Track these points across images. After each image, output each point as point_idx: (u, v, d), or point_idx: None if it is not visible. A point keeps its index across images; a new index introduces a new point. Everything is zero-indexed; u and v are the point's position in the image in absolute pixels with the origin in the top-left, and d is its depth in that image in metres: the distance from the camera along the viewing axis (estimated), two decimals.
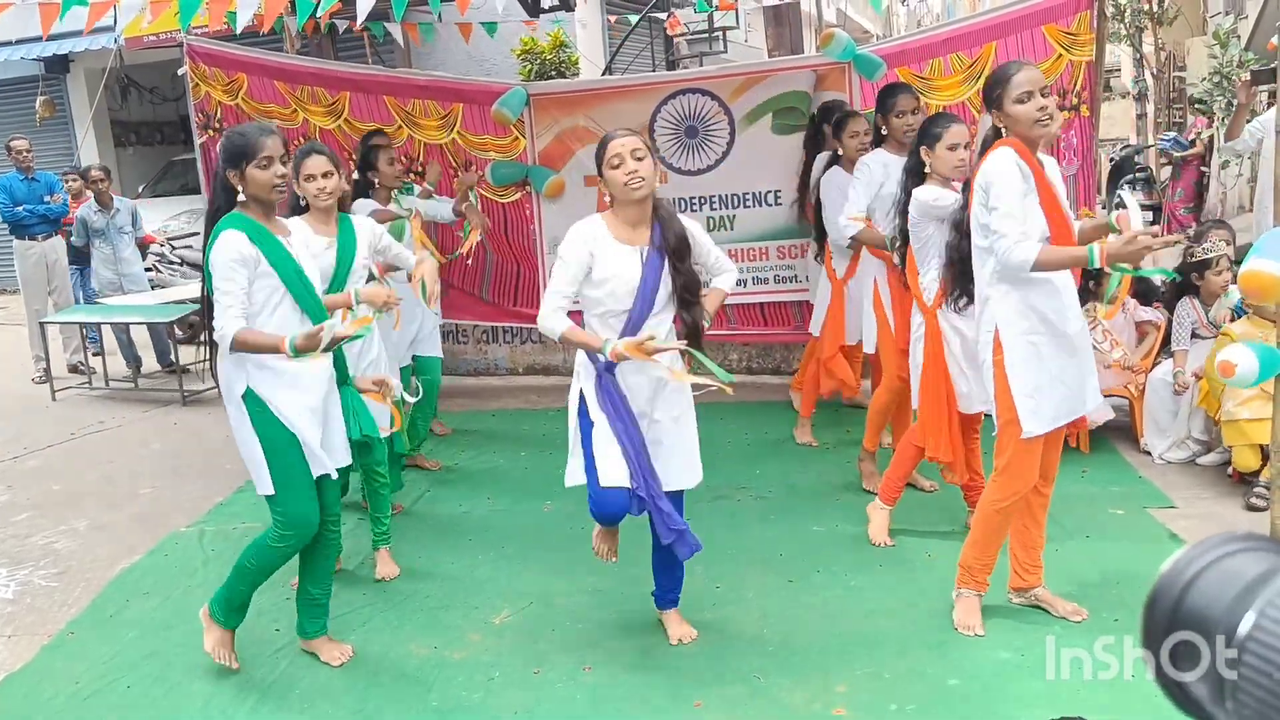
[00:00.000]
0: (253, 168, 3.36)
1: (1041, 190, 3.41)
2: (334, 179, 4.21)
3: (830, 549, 4.48)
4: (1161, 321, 5.58)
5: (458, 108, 7.07)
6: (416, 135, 7.18)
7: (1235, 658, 0.70)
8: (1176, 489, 4.95)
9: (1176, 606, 0.76)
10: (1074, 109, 6.43)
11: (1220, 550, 0.76)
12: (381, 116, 7.16)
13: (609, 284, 3.33)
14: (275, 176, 3.37)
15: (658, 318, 3.38)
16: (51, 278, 8.92)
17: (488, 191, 7.29)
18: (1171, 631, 0.76)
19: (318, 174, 4.17)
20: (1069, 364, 3.47)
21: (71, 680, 3.70)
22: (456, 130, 7.11)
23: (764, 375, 7.62)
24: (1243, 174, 11.55)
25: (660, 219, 3.39)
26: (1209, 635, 0.73)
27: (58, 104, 13.90)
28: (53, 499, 5.79)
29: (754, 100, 6.81)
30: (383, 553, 4.50)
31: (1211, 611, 0.73)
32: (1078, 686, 3.23)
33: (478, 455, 6.14)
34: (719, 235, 7.14)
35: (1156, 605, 0.78)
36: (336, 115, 7.18)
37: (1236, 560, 0.75)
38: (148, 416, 7.50)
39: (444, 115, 7.11)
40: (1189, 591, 0.75)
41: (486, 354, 8.06)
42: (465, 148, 7.16)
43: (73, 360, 8.95)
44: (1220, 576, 0.75)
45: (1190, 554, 0.78)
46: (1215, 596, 0.74)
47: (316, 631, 3.72)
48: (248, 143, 3.36)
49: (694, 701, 3.28)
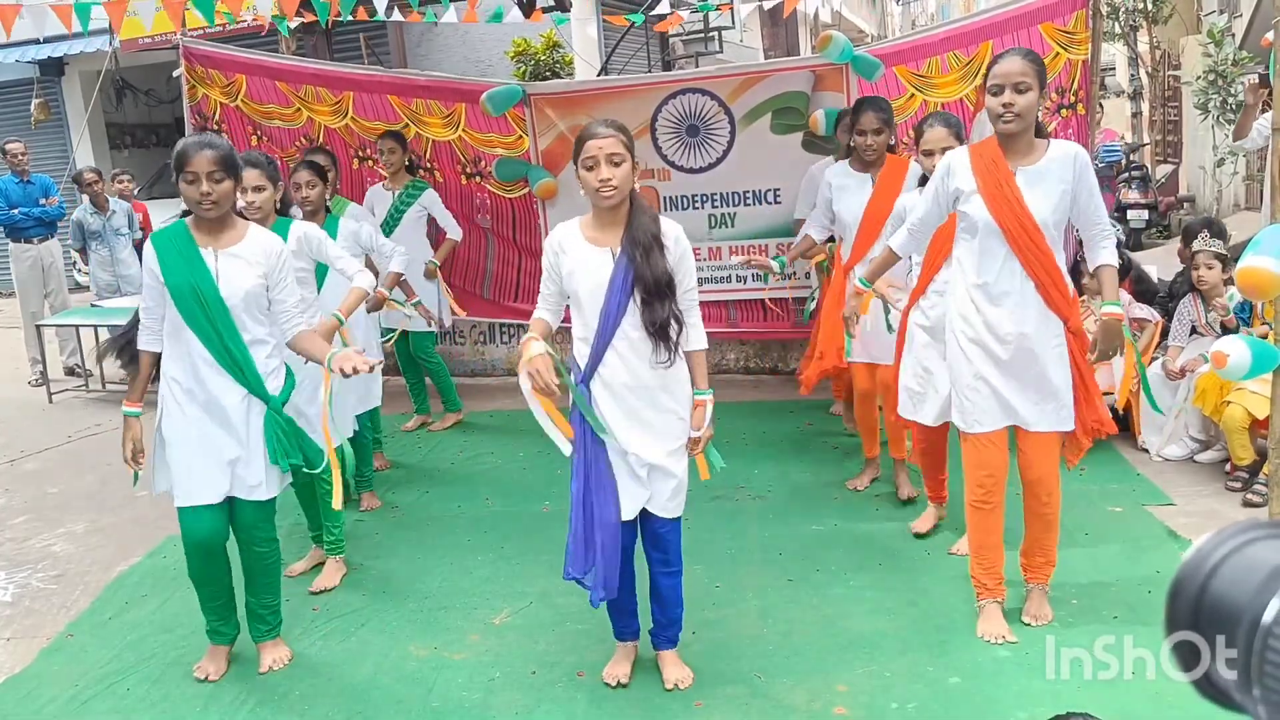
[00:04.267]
0: (181, 182, 3.38)
1: (987, 191, 3.40)
2: (266, 193, 4.22)
3: (830, 548, 4.48)
4: (1157, 319, 5.59)
5: (461, 107, 7.11)
6: (424, 133, 7.22)
7: (1262, 644, 0.70)
8: (1175, 486, 4.95)
9: (1200, 595, 0.76)
10: (1071, 107, 6.44)
11: (1241, 538, 0.76)
12: (387, 115, 7.19)
13: (578, 286, 3.21)
14: (198, 193, 3.34)
15: (631, 322, 3.19)
16: (47, 280, 8.91)
17: (496, 187, 7.35)
18: (1196, 622, 0.76)
19: (249, 186, 4.18)
20: (993, 373, 3.46)
21: (70, 683, 3.69)
22: (462, 128, 7.15)
23: (762, 375, 7.62)
24: (1238, 172, 11.57)
25: (633, 215, 3.20)
26: (1234, 624, 0.73)
27: (53, 107, 13.89)
28: (50, 502, 5.78)
29: (753, 100, 6.82)
30: (331, 562, 4.46)
31: (1235, 600, 0.73)
32: (1078, 686, 3.23)
33: (475, 456, 6.13)
34: (720, 232, 7.17)
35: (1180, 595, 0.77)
36: (342, 114, 7.21)
37: (1258, 548, 0.75)
38: (144, 419, 7.47)
39: (448, 114, 7.15)
40: (1212, 580, 0.75)
41: (484, 355, 8.06)
42: (472, 144, 7.20)
43: (69, 363, 8.93)
44: (1243, 564, 0.75)
45: (1212, 543, 0.78)
46: (1239, 585, 0.74)
47: (258, 637, 3.75)
48: (179, 154, 3.38)
49: (694, 701, 3.28)
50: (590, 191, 3.14)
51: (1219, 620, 0.74)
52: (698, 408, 3.32)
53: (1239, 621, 0.72)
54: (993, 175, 3.42)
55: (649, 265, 3.14)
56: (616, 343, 3.19)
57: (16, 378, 8.98)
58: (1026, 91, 3.32)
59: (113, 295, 8.80)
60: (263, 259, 3.49)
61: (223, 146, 3.43)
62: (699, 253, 7.28)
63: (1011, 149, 3.44)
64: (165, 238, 3.47)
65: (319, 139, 7.47)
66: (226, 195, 3.41)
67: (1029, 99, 3.32)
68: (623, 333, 3.19)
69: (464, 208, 7.54)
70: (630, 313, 3.17)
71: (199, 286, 3.39)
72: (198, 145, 3.37)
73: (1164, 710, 2.97)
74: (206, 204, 3.36)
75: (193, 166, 3.33)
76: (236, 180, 3.47)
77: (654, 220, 3.22)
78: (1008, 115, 3.34)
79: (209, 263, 3.43)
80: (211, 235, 3.47)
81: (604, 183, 3.09)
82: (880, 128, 4.73)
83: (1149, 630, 3.40)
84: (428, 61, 12.40)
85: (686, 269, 3.25)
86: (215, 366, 3.43)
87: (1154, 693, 3.10)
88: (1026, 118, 3.36)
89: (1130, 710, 3.07)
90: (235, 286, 3.43)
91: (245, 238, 3.51)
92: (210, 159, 3.34)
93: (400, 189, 6.58)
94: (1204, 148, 11.92)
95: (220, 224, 3.47)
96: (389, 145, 6.57)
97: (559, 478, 3.39)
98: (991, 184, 3.41)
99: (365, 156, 7.53)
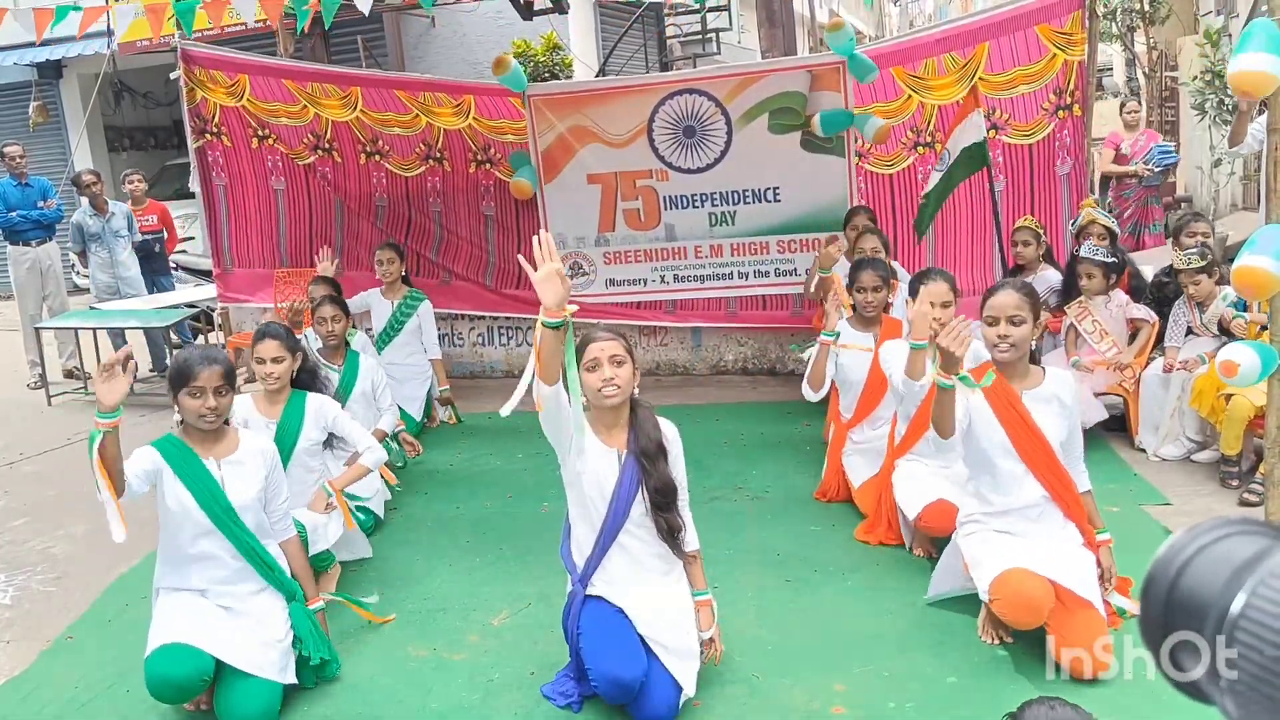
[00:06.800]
0: (184, 394, 3.40)
1: (1001, 412, 3.48)
2: (284, 364, 4.31)
3: (827, 549, 4.49)
4: (1154, 320, 5.61)
5: (469, 98, 7.19)
6: (434, 122, 7.30)
7: (1229, 636, 0.72)
8: (1172, 486, 4.96)
9: (1171, 590, 0.77)
10: (1067, 109, 6.46)
11: (1213, 534, 0.78)
12: (395, 106, 7.25)
13: (584, 477, 3.24)
14: (204, 407, 3.38)
15: (635, 522, 3.25)
16: (45, 283, 8.91)
17: (504, 174, 7.47)
18: (1168, 622, 0.77)
19: (267, 358, 4.28)
20: (1010, 539, 3.50)
21: (71, 685, 3.69)
22: (472, 116, 7.22)
23: (760, 375, 7.63)
24: (1235, 172, 11.58)
25: (637, 423, 3.29)
26: (1202, 617, 0.74)
27: (51, 109, 13.89)
28: (49, 504, 5.79)
29: (750, 100, 6.84)
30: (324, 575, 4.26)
31: (1204, 594, 0.74)
32: (1078, 686, 3.23)
33: (474, 457, 6.14)
34: (721, 230, 7.21)
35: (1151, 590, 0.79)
36: (351, 107, 7.28)
37: (1229, 544, 0.76)
38: (144, 421, 7.49)
39: (457, 104, 7.24)
40: (1182, 575, 0.77)
41: (482, 357, 8.07)
42: (482, 131, 7.27)
43: (68, 365, 8.93)
44: (1213, 559, 0.76)
45: (1184, 539, 0.79)
46: (1208, 579, 0.75)
47: None
48: (183, 368, 3.41)
49: (693, 701, 3.28)
50: (592, 392, 3.19)
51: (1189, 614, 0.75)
52: (701, 609, 3.38)
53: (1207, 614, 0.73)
54: (1002, 396, 3.52)
55: (656, 472, 3.24)
56: (621, 540, 3.27)
57: (15, 380, 8.97)
58: (1021, 325, 3.48)
59: (112, 297, 8.81)
60: (261, 464, 3.56)
61: (225, 361, 3.46)
62: (701, 251, 7.31)
63: (1010, 375, 3.55)
64: (166, 448, 3.47)
65: (326, 134, 7.51)
66: (228, 408, 3.48)
67: (1023, 331, 3.48)
68: (627, 533, 3.27)
69: (469, 197, 7.62)
70: (634, 517, 3.25)
71: (212, 496, 3.42)
72: (203, 360, 3.41)
73: (1164, 711, 2.97)
74: (211, 417, 3.41)
75: (199, 381, 3.37)
76: (235, 391, 3.52)
77: (656, 426, 3.31)
78: (1003, 345, 3.49)
79: (214, 473, 3.46)
80: (208, 446, 3.50)
81: (607, 382, 3.17)
82: (879, 285, 4.87)
83: None
84: (425, 63, 12.40)
85: (681, 470, 3.36)
86: (241, 571, 3.46)
87: (1154, 694, 3.10)
88: (1021, 348, 3.52)
89: (1131, 710, 3.07)
90: (244, 494, 3.48)
91: (240, 444, 3.56)
92: (216, 374, 3.39)
93: (399, 300, 6.75)
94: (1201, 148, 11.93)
95: (215, 434, 3.51)
96: (387, 256, 6.75)
97: (557, 479, 3.39)
98: (1003, 404, 3.51)
99: (374, 151, 7.57)
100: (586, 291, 7.48)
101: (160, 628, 3.36)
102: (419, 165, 7.60)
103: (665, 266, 7.42)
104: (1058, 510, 3.52)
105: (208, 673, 3.29)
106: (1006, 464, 3.51)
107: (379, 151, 7.59)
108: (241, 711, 3.29)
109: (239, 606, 3.46)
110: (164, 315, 8.27)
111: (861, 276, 4.92)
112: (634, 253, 7.42)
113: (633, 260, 7.44)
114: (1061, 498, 3.51)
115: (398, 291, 6.75)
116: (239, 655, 3.33)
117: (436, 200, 7.74)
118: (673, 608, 3.30)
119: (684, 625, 3.29)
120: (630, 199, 7.27)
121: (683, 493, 3.35)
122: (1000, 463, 3.51)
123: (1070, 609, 3.33)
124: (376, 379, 5.48)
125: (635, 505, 3.24)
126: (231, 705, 3.30)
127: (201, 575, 3.45)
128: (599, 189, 7.28)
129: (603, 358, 3.17)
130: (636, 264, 7.45)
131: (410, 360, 6.67)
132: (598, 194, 7.30)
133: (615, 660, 3.12)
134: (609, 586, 3.28)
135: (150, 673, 3.25)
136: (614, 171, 7.20)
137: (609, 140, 7.09)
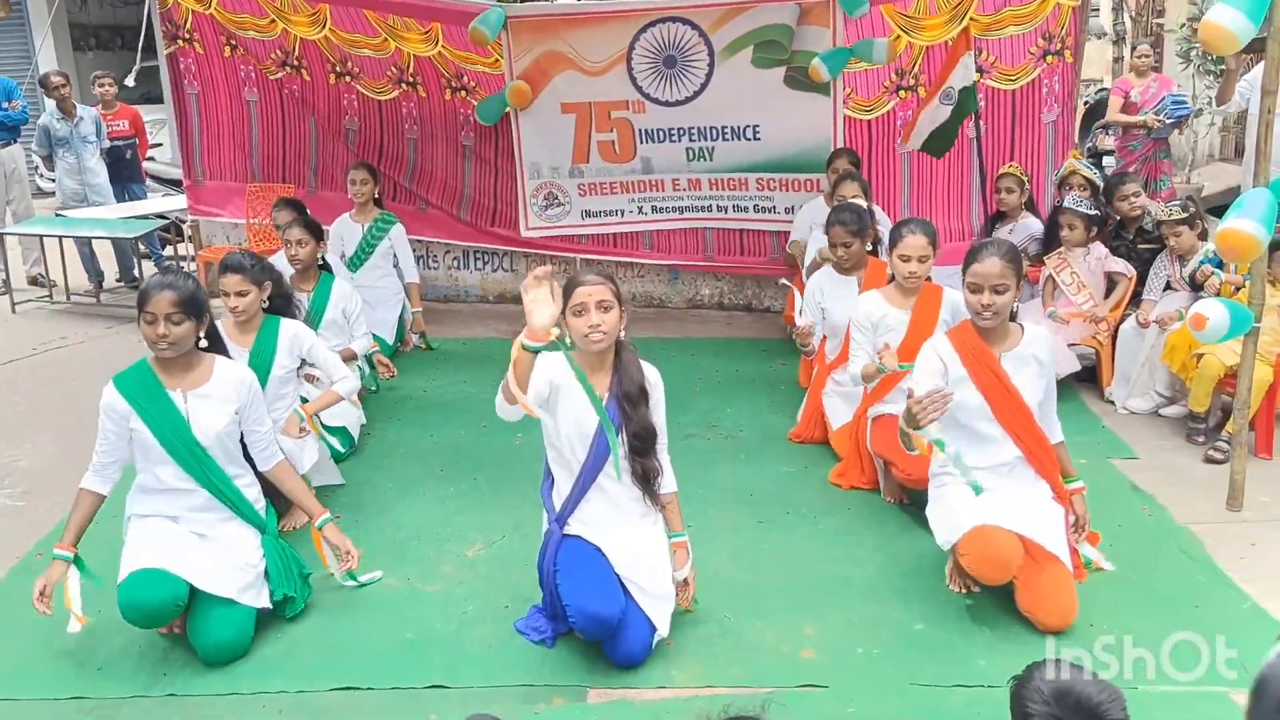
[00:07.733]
0: (141, 319, 3.31)
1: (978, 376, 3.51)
2: (249, 296, 4.24)
3: (801, 490, 4.53)
4: (1132, 274, 5.64)
5: (436, 25, 6.98)
6: (403, 47, 7.11)
7: None
8: (1140, 440, 5.04)
9: None
10: (1058, 54, 6.41)
11: None
12: (363, 28, 7.07)
13: (561, 424, 3.23)
14: (155, 334, 3.28)
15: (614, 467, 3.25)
16: (9, 187, 8.71)
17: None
18: None
19: (231, 291, 4.21)
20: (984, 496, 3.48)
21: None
22: (441, 44, 7.05)
23: (735, 311, 7.63)
24: (1215, 123, 11.60)
25: (621, 366, 3.27)
26: None
27: (14, 4, 13.43)
28: (16, 416, 5.72)
29: (735, 32, 6.72)
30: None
31: None
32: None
33: (449, 384, 6.11)
34: (699, 165, 7.12)
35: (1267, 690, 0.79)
36: (320, 25, 7.08)
37: None
38: (110, 332, 7.39)
39: (425, 31, 7.03)
40: None
41: (457, 281, 7.99)
42: (453, 60, 7.10)
43: (33, 272, 8.76)
44: None
45: None
46: None
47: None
48: (141, 292, 3.32)
49: (667, 641, 3.32)
50: (579, 337, 3.16)
51: None
52: (677, 550, 3.39)
53: None
54: (981, 361, 3.53)
55: (637, 417, 3.23)
56: (600, 482, 3.27)
57: None
58: (1005, 292, 3.47)
59: (80, 204, 8.63)
60: (234, 394, 3.46)
61: (184, 288, 3.31)
62: (679, 184, 7.24)
63: (990, 338, 3.56)
64: (129, 381, 3.39)
65: (294, 51, 7.32)
66: (185, 336, 3.33)
67: (1007, 298, 3.49)
68: (606, 475, 3.26)
69: (448, 128, 7.46)
70: (613, 459, 3.23)
71: (174, 430, 3.35)
72: (159, 285, 3.30)
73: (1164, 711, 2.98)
74: (163, 345, 3.29)
75: (151, 307, 3.26)
76: (199, 320, 3.37)
77: (639, 370, 3.28)
78: (986, 314, 3.49)
79: (179, 405, 3.37)
80: (176, 376, 3.40)
81: (593, 328, 3.13)
82: (849, 240, 4.89)
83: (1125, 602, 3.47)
84: None
85: (661, 414, 3.35)
86: (211, 500, 3.43)
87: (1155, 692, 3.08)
88: (1003, 314, 3.51)
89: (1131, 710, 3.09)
90: (208, 428, 3.39)
91: (213, 375, 3.45)
92: (169, 300, 3.26)
93: (370, 222, 6.63)
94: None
95: (184, 363, 3.41)
96: (360, 176, 6.60)
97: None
98: (981, 369, 3.52)
99: (343, 72, 7.38)
100: (562, 222, 7.41)
101: (133, 553, 3.34)
102: (391, 89, 7.39)
103: (642, 198, 7.34)
104: (1030, 469, 3.57)
105: (181, 598, 3.28)
106: (985, 427, 3.54)
107: (349, 73, 7.39)
108: (214, 637, 3.30)
109: (210, 533, 3.45)
110: (131, 226, 8.11)
111: (832, 232, 4.96)
112: (609, 184, 7.33)
113: (608, 192, 7.36)
114: (1036, 456, 3.56)
115: (368, 214, 6.64)
116: (211, 581, 3.33)
117: (413, 127, 7.54)
118: (650, 550, 3.32)
119: (660, 568, 3.32)
120: (605, 131, 7.16)
121: (662, 437, 3.35)
122: (978, 426, 3.54)
123: (1039, 562, 3.39)
124: (350, 306, 5.37)
125: (614, 450, 3.24)
126: (204, 631, 3.31)
127: (172, 503, 3.43)
128: (573, 119, 7.15)
129: (590, 303, 3.13)
130: (612, 195, 7.36)
131: (382, 283, 6.60)
132: (571, 124, 7.17)
133: (594, 597, 3.15)
134: (585, 527, 3.30)
135: (123, 598, 3.24)
136: (588, 101, 7.07)
137: (585, 68, 6.94)
